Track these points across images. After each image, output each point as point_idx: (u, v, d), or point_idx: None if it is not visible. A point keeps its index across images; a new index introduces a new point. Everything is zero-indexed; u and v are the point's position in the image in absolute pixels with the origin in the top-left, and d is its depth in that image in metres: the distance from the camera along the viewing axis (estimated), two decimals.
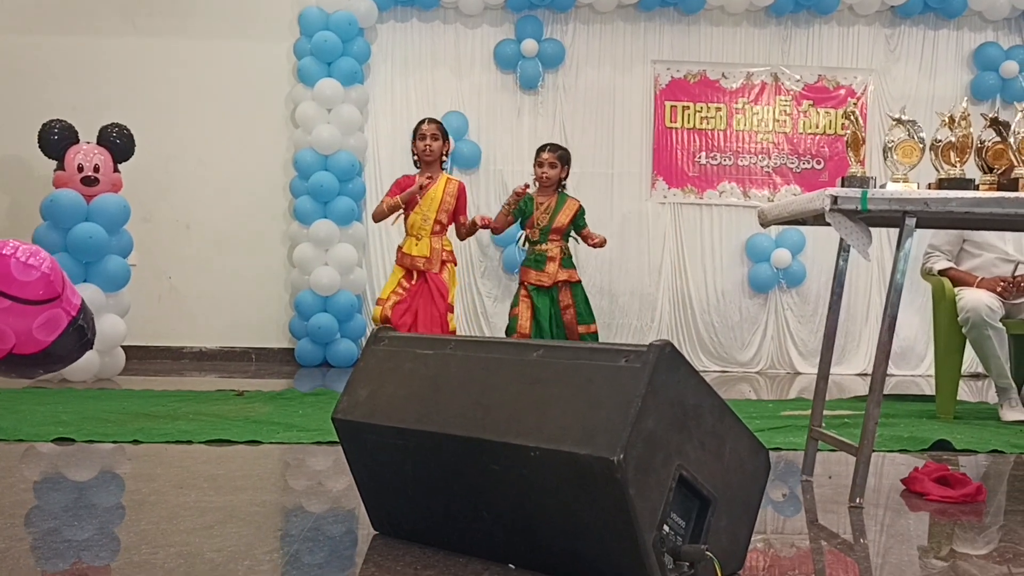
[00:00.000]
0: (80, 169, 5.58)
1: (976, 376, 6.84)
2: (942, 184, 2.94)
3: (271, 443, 3.63)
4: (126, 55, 7.08)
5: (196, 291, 7.19)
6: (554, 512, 1.92)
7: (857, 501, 2.71)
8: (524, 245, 5.22)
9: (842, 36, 7.35)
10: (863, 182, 2.88)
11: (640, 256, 7.28)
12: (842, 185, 2.94)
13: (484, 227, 5.14)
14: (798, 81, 7.33)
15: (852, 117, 3.07)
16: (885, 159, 3.08)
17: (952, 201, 2.69)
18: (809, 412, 4.64)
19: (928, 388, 6.40)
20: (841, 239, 2.93)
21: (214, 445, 3.57)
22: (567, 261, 5.09)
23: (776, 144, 7.33)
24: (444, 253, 5.02)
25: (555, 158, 5.08)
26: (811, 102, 7.34)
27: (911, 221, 2.72)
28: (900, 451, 3.74)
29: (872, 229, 2.84)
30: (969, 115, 3.00)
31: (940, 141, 3.04)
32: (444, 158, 5.08)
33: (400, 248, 5.09)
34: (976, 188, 2.91)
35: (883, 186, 2.99)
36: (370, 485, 2.28)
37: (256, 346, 7.20)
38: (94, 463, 3.31)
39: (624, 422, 1.80)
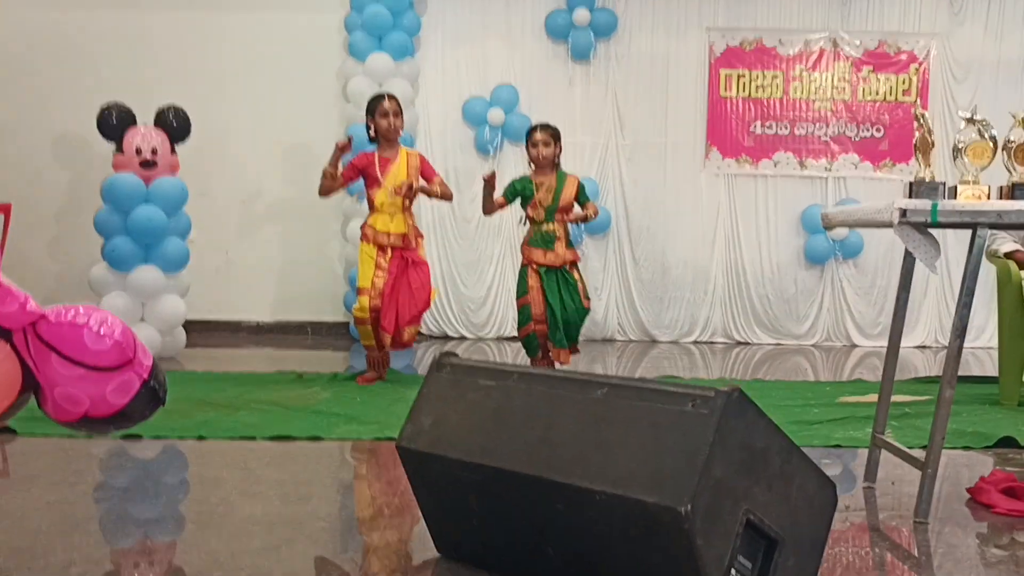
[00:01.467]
0: (139, 152, 5.64)
1: None
2: (1015, 188, 2.86)
3: (332, 439, 3.69)
4: (179, 30, 7.10)
5: (252, 265, 7.27)
6: (618, 555, 1.93)
7: (923, 518, 2.68)
8: (525, 224, 5.12)
9: None
10: (932, 190, 2.81)
11: (694, 227, 7.20)
12: (910, 191, 2.87)
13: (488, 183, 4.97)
14: (858, 46, 7.12)
15: (921, 119, 2.97)
16: (955, 159, 2.99)
17: None
18: (868, 398, 4.62)
19: (989, 362, 6.29)
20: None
21: (277, 441, 3.63)
22: (570, 241, 5.02)
23: (835, 112, 7.16)
24: (414, 228, 5.06)
25: (548, 136, 4.95)
26: (871, 68, 7.14)
27: (983, 232, 2.64)
28: (964, 448, 3.68)
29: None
30: None
31: (1012, 142, 2.94)
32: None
33: (368, 225, 5.02)
34: None
35: (952, 188, 2.91)
36: (434, 511, 2.31)
37: (312, 319, 7.29)
38: (162, 465, 3.39)
39: (692, 471, 1.80)
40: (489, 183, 4.93)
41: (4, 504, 2.74)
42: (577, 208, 4.97)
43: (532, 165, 5.03)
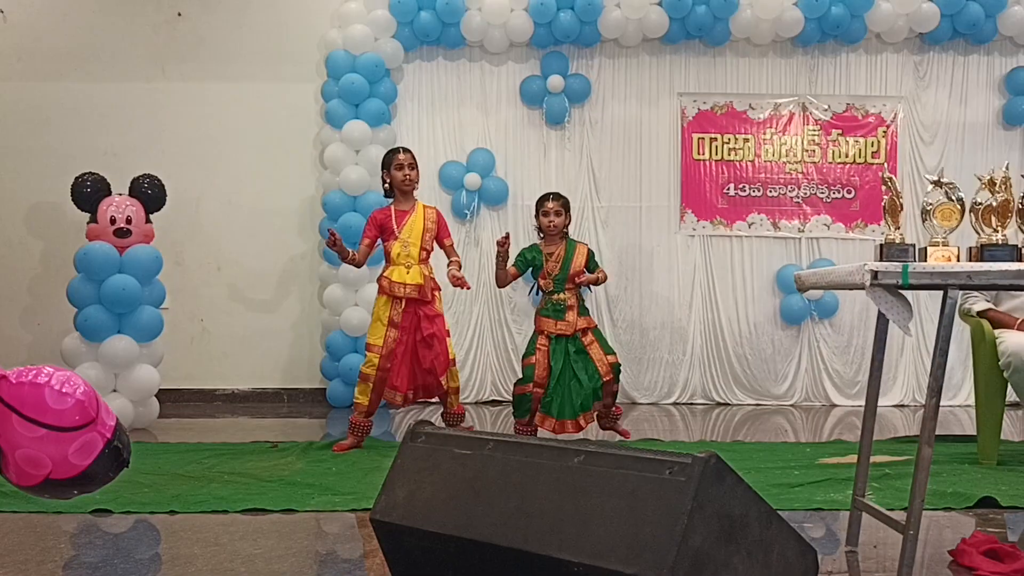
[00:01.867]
0: (113, 221, 5.62)
1: (1015, 406, 6.72)
2: (984, 250, 2.89)
3: (306, 511, 3.62)
4: (156, 100, 7.14)
5: (228, 333, 7.22)
6: None
7: None
8: (538, 294, 5.14)
9: (870, 64, 7.27)
10: (902, 252, 2.84)
11: (671, 289, 7.24)
12: (880, 253, 2.90)
13: (501, 247, 4.96)
14: (826, 110, 7.26)
15: (889, 183, 3.02)
16: (923, 221, 3.04)
17: (996, 274, 2.63)
18: (847, 459, 4.61)
19: (968, 420, 6.30)
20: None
21: (250, 514, 3.57)
22: (583, 309, 5.05)
23: (805, 174, 7.26)
24: (432, 281, 5.06)
25: (560, 206, 5.03)
26: (840, 131, 7.27)
27: (954, 294, 2.66)
28: (944, 509, 3.66)
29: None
30: (1010, 179, 2.94)
31: (980, 204, 2.99)
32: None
33: (384, 276, 5.01)
34: (1020, 254, 2.85)
35: (922, 250, 2.95)
36: None
37: (288, 387, 7.22)
38: (133, 541, 3.31)
39: (670, 540, 1.77)
40: (502, 246, 4.91)
41: None
42: (587, 273, 5.01)
43: (541, 234, 5.07)
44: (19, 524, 3.40)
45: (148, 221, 5.81)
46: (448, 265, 5.10)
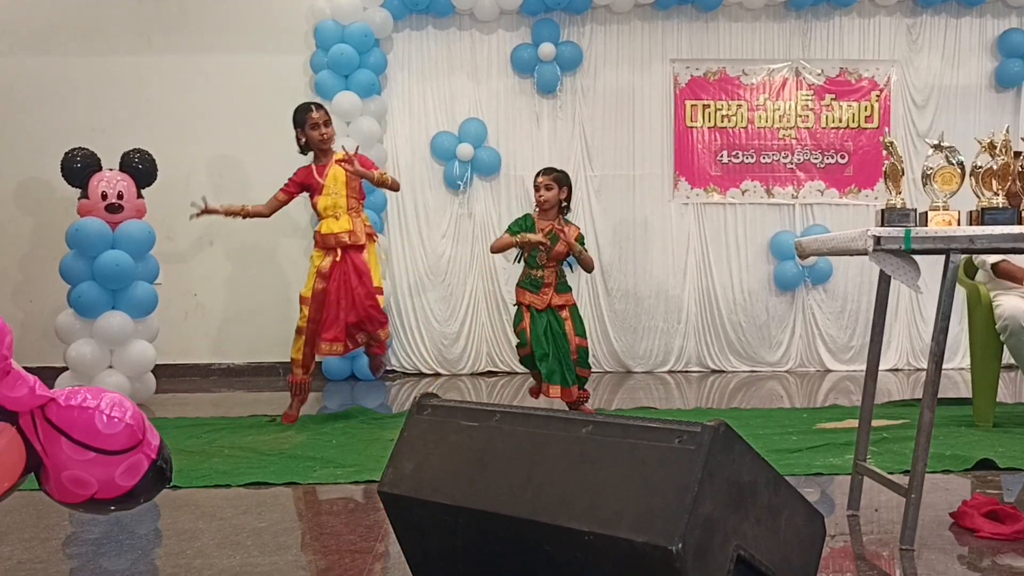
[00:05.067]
0: (104, 197, 5.57)
1: (1011, 368, 6.74)
2: (984, 213, 2.89)
3: (309, 484, 3.63)
4: (143, 73, 7.06)
5: (222, 307, 7.20)
6: None
7: (909, 545, 2.67)
8: (520, 262, 4.99)
9: (863, 27, 7.23)
10: (903, 216, 2.83)
11: (664, 257, 7.23)
12: (882, 218, 2.89)
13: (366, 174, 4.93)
14: (819, 75, 7.23)
15: (891, 148, 3.00)
16: (924, 186, 3.02)
17: (997, 237, 2.63)
18: (845, 424, 4.63)
19: (962, 383, 6.34)
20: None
21: (253, 488, 3.57)
22: (563, 287, 4.91)
23: (799, 140, 7.24)
24: (365, 226, 5.05)
25: (550, 180, 4.86)
26: (833, 96, 7.24)
27: (956, 258, 2.66)
28: (943, 472, 3.69)
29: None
30: (1010, 142, 2.92)
31: (980, 168, 2.97)
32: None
33: (316, 231, 5.05)
34: (1021, 216, 2.85)
35: (923, 215, 2.94)
36: (419, 556, 2.27)
37: (283, 360, 7.14)
38: (135, 517, 3.31)
39: (681, 508, 1.78)
40: (531, 244, 4.81)
41: None
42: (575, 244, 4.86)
43: (536, 208, 4.95)
44: (21, 502, 3.38)
45: (140, 196, 5.76)
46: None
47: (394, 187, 5.20)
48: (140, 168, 5.73)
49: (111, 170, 5.68)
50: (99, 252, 5.54)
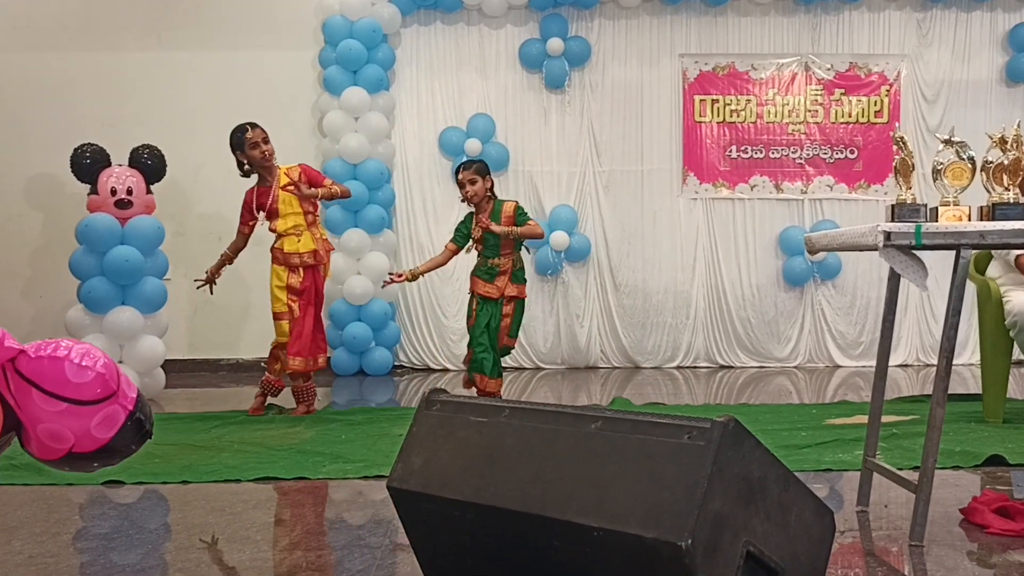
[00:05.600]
0: (113, 192, 5.59)
1: (1021, 364, 6.73)
2: (995, 208, 2.87)
3: (318, 479, 3.64)
4: (152, 69, 7.08)
5: (231, 303, 7.20)
6: None
7: (919, 541, 2.66)
8: (473, 251, 4.95)
9: (873, 22, 7.21)
10: (914, 212, 2.82)
11: (673, 253, 7.22)
12: (892, 213, 2.88)
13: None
14: (829, 69, 7.20)
15: (901, 143, 2.99)
16: (934, 181, 3.01)
17: (1008, 232, 2.62)
18: (854, 420, 4.62)
19: (971, 379, 6.32)
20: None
21: (262, 483, 3.58)
22: (518, 275, 4.85)
23: (808, 135, 7.22)
24: (324, 243, 5.09)
25: (473, 174, 4.78)
26: (843, 90, 7.21)
27: (967, 254, 2.65)
28: (953, 468, 3.68)
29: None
30: (1022, 137, 2.91)
31: (991, 163, 2.96)
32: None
33: (276, 248, 5.04)
34: None
35: (933, 210, 2.92)
36: (428, 552, 2.27)
37: None
38: (145, 511, 3.33)
39: (690, 504, 1.77)
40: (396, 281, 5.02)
41: None
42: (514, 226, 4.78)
43: (470, 205, 4.88)
44: (31, 496, 3.40)
45: (149, 192, 5.77)
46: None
47: (344, 195, 5.19)
48: (149, 164, 5.75)
49: (120, 166, 5.70)
50: (108, 248, 5.56)
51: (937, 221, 2.82)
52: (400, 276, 4.95)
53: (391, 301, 6.97)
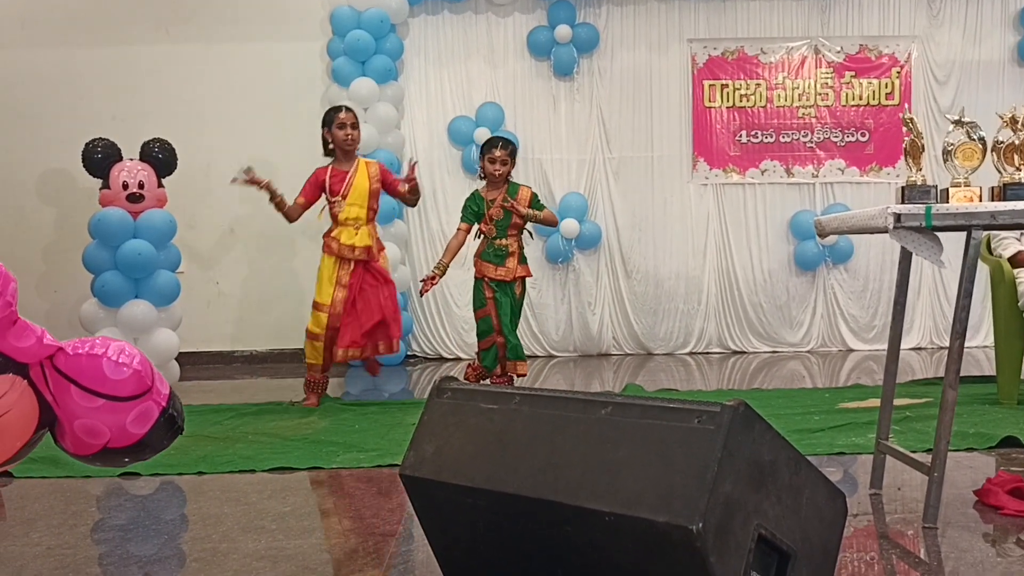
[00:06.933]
0: (125, 187, 5.62)
1: None
2: (1006, 189, 2.86)
3: (332, 468, 3.66)
4: (161, 63, 7.10)
5: (244, 294, 7.25)
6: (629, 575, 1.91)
7: (932, 523, 2.66)
8: (480, 237, 4.99)
9: (883, 3, 7.16)
10: (924, 193, 2.81)
11: (684, 239, 7.21)
12: (902, 195, 2.87)
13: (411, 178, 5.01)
14: (839, 52, 7.16)
15: (911, 124, 2.98)
16: (945, 162, 3.00)
17: (1020, 212, 2.60)
18: (867, 403, 4.61)
19: (986, 361, 6.29)
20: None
21: (277, 473, 3.60)
22: (524, 256, 4.97)
23: (819, 118, 7.19)
24: (378, 241, 5.08)
25: (507, 154, 4.85)
26: (853, 73, 7.17)
27: (978, 235, 2.64)
28: (967, 450, 3.67)
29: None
30: None
31: (1002, 143, 2.95)
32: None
33: (332, 237, 4.98)
34: None
35: (944, 191, 2.91)
36: (441, 539, 2.28)
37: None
38: (161, 502, 3.36)
39: (701, 488, 1.78)
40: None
41: (3, 551, 2.70)
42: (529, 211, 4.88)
43: (485, 180, 4.95)
44: (48, 489, 3.44)
45: (160, 185, 5.80)
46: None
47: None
48: (160, 157, 5.78)
49: (132, 160, 5.73)
50: (121, 242, 5.59)
51: (948, 202, 2.81)
52: (433, 279, 4.93)
53: (403, 291, 6.98)
